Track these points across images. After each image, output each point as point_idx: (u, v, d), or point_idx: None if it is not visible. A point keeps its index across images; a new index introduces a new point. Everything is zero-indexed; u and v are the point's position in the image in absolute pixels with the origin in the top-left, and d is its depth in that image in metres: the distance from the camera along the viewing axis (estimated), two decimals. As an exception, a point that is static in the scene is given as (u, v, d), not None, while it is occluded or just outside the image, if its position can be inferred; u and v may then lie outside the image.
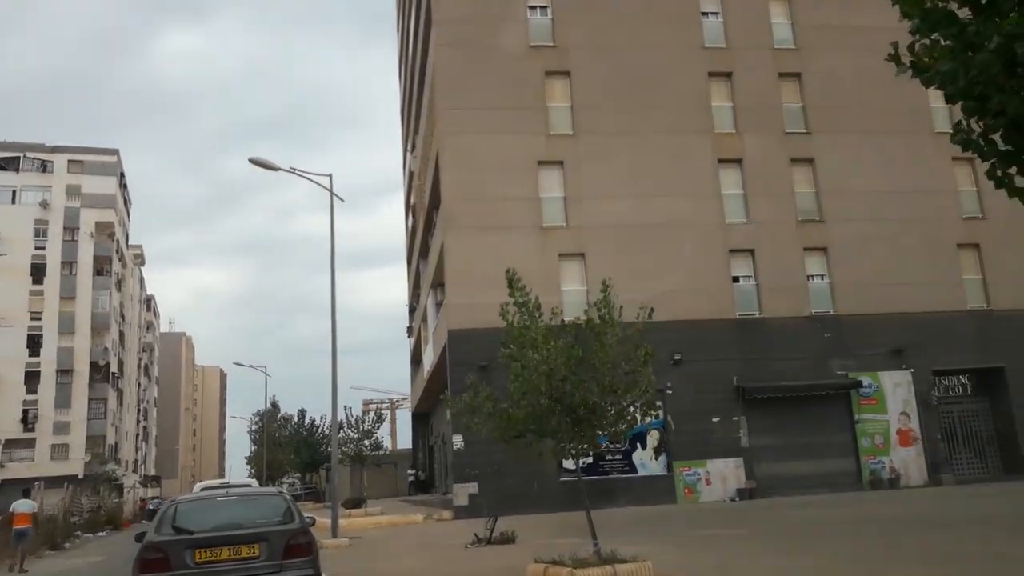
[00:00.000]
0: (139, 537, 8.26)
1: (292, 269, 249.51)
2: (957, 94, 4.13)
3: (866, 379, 25.92)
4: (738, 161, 27.15)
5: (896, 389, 26.03)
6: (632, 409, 9.90)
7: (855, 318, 26.19)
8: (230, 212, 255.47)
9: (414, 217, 39.00)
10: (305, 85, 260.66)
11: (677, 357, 25.08)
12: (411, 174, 40.07)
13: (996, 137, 4.20)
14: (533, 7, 27.35)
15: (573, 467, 23.90)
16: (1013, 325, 26.31)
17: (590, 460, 24.35)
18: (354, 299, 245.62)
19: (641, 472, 24.90)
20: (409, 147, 41.95)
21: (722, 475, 24.81)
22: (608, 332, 9.56)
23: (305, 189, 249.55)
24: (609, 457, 24.78)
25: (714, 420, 25.07)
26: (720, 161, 27.03)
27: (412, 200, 40.10)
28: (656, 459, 25.11)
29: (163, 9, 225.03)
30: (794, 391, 25.15)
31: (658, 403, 24.70)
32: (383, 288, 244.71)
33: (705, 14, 28.13)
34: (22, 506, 20.22)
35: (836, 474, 25.09)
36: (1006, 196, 4.30)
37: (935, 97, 24.31)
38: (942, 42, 4.05)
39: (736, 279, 26.51)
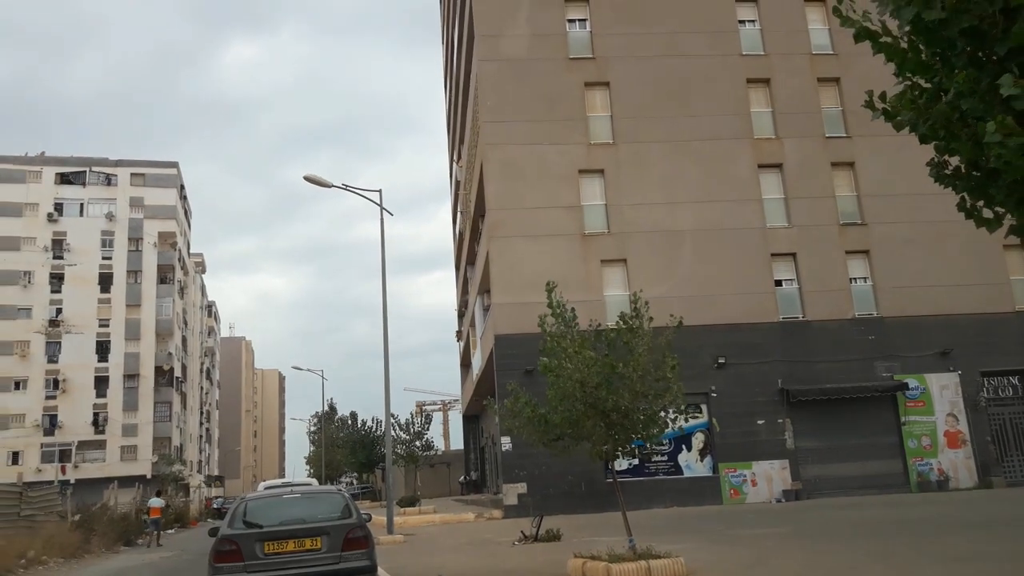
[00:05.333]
0: (212, 532, 9.21)
1: (350, 273, 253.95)
2: (922, 137, 4.67)
3: (912, 381, 25.94)
4: (778, 166, 27.42)
5: (943, 391, 26.00)
6: (663, 414, 10.51)
7: (899, 320, 26.25)
8: (291, 219, 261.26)
9: (461, 224, 39.93)
10: (361, 91, 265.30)
11: (721, 360, 25.53)
12: (457, 183, 41.04)
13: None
14: (572, 20, 28.04)
15: (619, 468, 24.76)
16: (1064, 325, 26.06)
17: (636, 462, 25.00)
18: (410, 302, 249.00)
19: (687, 473, 25.36)
20: (455, 157, 42.94)
21: (768, 476, 25.13)
22: (638, 342, 10.20)
23: (358, 200, 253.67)
24: (655, 459, 25.32)
25: (759, 422, 25.40)
26: (760, 166, 27.34)
27: (459, 208, 41.05)
28: (701, 461, 25.55)
29: (225, 22, 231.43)
30: (839, 393, 25.30)
31: (702, 406, 25.55)
32: (438, 291, 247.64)
33: (742, 22, 28.47)
34: (155, 502, 27.88)
35: (883, 476, 25.19)
36: None
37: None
38: (911, 93, 4.56)
39: (779, 283, 26.79)
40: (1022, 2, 3.69)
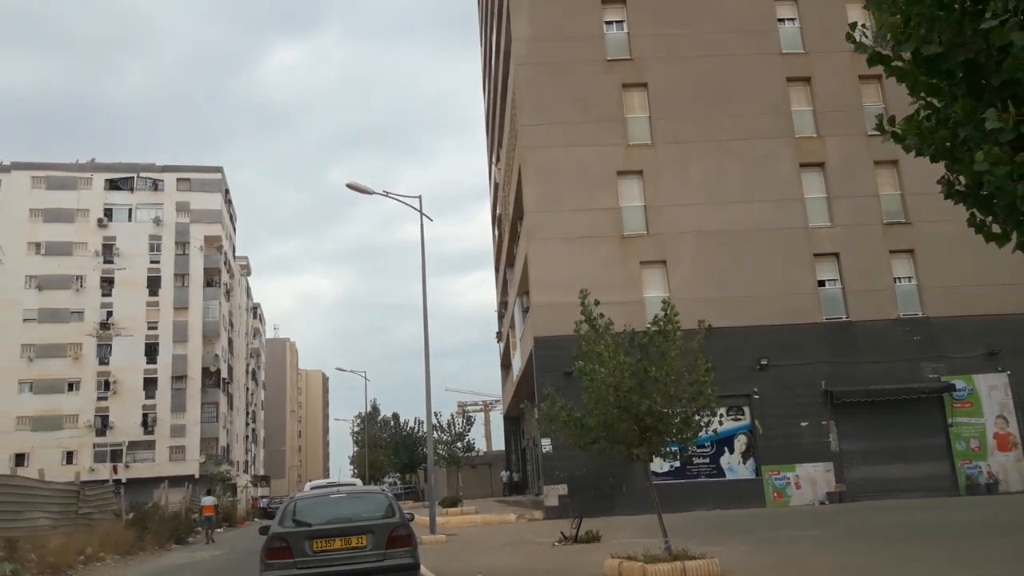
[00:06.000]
0: (263, 530, 9.60)
1: (393, 275, 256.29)
2: (931, 158, 4.84)
3: (959, 382, 25.50)
4: (820, 165, 27.16)
5: (992, 392, 25.51)
6: (697, 417, 10.59)
7: (945, 320, 25.81)
8: (335, 221, 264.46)
9: (500, 226, 40.18)
10: (403, 92, 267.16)
11: (763, 362, 25.38)
12: (496, 185, 41.30)
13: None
14: (609, 22, 28.10)
15: (661, 470, 24.77)
16: (1118, 324, 25.38)
17: (677, 464, 25.03)
18: (452, 302, 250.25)
19: (729, 476, 25.27)
20: (494, 159, 43.19)
21: (811, 479, 24.92)
22: (670, 347, 10.30)
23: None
24: (697, 461, 25.29)
25: (802, 424, 25.19)
26: (802, 165, 27.10)
27: (498, 210, 41.30)
28: (744, 463, 25.42)
29: (268, 27, 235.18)
30: (884, 395, 24.96)
31: (744, 408, 25.43)
32: (479, 291, 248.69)
33: (781, 20, 28.27)
34: (207, 500, 30.33)
35: (930, 479, 24.80)
36: None
37: None
38: (917, 117, 4.71)
39: (821, 283, 26.53)
40: (1010, 40, 3.83)
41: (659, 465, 24.82)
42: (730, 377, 24.97)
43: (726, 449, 25.38)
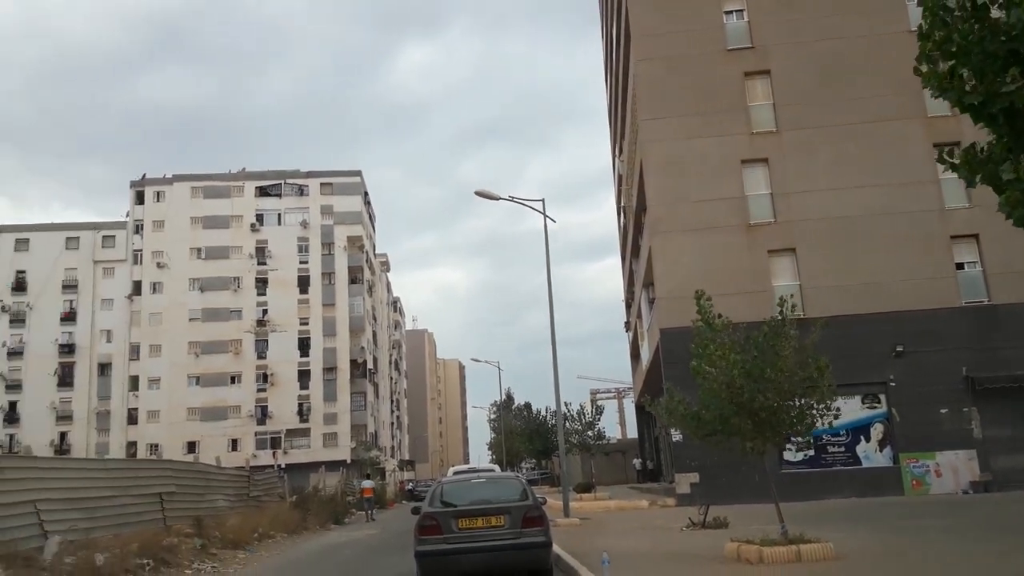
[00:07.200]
0: (415, 510, 11.01)
1: (522, 265, 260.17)
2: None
3: (1118, 365, 24.06)
4: (956, 144, 26.01)
5: None
6: (813, 412, 11.04)
7: (1100, 301, 24.36)
8: (467, 213, 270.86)
9: (624, 217, 40.66)
10: (528, 82, 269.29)
11: (899, 348, 24.86)
12: (619, 176, 41.76)
13: None
14: (729, 12, 28.07)
15: (794, 459, 24.81)
16: None
17: (811, 453, 24.99)
18: (581, 289, 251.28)
19: (865, 464, 24.97)
20: (617, 150, 43.65)
21: (953, 467, 24.25)
22: (784, 344, 10.82)
23: (529, 191, 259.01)
24: (831, 449, 25.14)
25: (942, 411, 24.51)
26: (935, 145, 26.15)
27: (621, 202, 41.78)
28: (881, 451, 25.05)
29: (397, 28, 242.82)
30: (1032, 380, 23.95)
31: (880, 395, 25.03)
32: (610, 277, 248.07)
33: (910, -4, 27.32)
34: (366, 483, 34.36)
35: (1089, 468, 23.58)
36: None
37: None
38: (971, 151, 5.23)
39: (960, 266, 25.64)
40: None
41: (793, 454, 24.90)
42: (864, 364, 24.69)
43: (862, 437, 25.08)
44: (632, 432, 68.11)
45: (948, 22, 4.88)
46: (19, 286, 72.11)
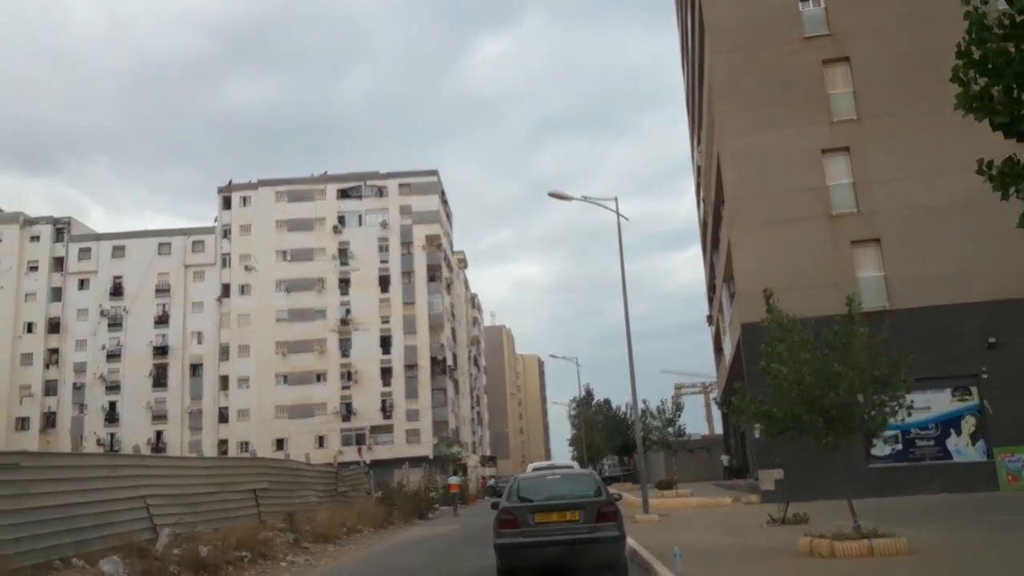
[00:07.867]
0: (494, 505, 11.46)
1: (600, 257, 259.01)
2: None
3: None
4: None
5: None
6: (887, 410, 10.94)
7: None
8: (543, 207, 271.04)
9: (704, 208, 40.23)
10: (605, 71, 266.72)
11: (992, 340, 24.00)
12: (698, 168, 41.32)
13: None
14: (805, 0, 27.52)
15: (881, 454, 24.25)
16: None
17: (900, 447, 24.41)
18: (665, 279, 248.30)
19: (956, 458, 24.22)
20: (695, 141, 43.19)
21: (1054, 462, 23.30)
22: (854, 342, 10.75)
23: (609, 181, 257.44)
24: (920, 443, 24.50)
25: (1041, 404, 23.56)
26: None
27: (700, 194, 41.34)
28: (973, 445, 24.25)
29: (472, 22, 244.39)
30: None
31: (972, 388, 24.21)
32: (694, 268, 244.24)
33: (999, -27, 26.20)
34: (453, 479, 36.18)
35: None
36: None
37: None
38: (1005, 166, 5.27)
39: (1057, 253, 24.49)
40: None
41: (880, 448, 24.33)
42: (953, 356, 23.93)
43: (952, 431, 24.32)
44: (719, 428, 67.26)
45: (986, 39, 4.96)
46: (116, 291, 76.15)
